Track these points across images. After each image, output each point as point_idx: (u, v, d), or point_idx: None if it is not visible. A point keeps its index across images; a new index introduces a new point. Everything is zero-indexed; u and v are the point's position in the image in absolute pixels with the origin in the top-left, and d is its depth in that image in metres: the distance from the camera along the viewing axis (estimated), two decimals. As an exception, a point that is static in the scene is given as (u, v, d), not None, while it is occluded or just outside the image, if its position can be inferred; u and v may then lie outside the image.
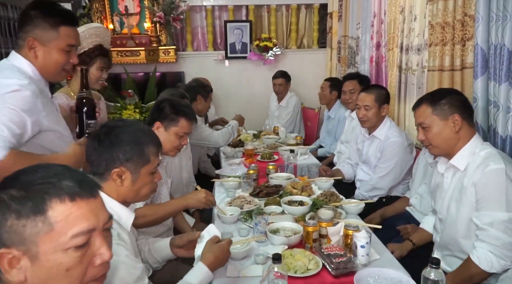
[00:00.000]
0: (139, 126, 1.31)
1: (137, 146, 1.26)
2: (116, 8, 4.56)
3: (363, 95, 2.56)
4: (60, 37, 1.55)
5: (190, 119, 2.00)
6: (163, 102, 2.00)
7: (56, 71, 1.60)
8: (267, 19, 5.18)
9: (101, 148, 1.24)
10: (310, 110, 4.82)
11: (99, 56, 2.27)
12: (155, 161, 1.31)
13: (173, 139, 1.98)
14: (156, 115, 1.98)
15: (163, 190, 2.03)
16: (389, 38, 3.07)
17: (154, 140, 1.32)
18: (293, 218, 1.97)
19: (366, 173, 2.74)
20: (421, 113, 1.74)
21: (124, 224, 1.27)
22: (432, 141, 1.72)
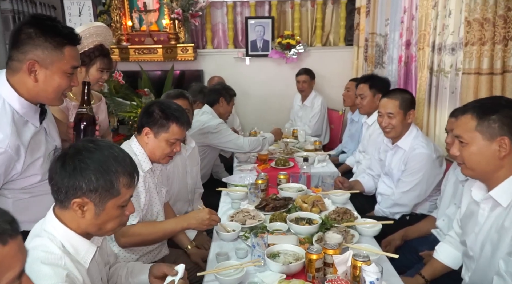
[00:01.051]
0: (113, 152, 1.10)
1: (105, 175, 1.06)
2: (135, 5, 4.46)
3: (385, 101, 2.28)
4: (64, 58, 1.38)
5: (181, 124, 1.79)
6: (152, 106, 1.81)
7: (56, 96, 1.44)
8: (291, 15, 4.93)
9: (63, 172, 1.06)
10: (334, 112, 4.55)
11: (99, 56, 2.12)
12: (126, 193, 1.11)
13: (164, 147, 1.79)
14: (145, 120, 1.80)
15: (154, 201, 1.85)
16: (420, 36, 2.77)
17: (128, 170, 1.10)
18: (298, 239, 1.75)
19: (388, 186, 2.47)
20: (462, 125, 1.42)
21: (81, 259, 1.09)
22: (468, 161, 1.42)
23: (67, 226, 1.09)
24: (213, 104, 3.14)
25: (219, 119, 3.04)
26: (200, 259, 1.95)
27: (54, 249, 1.05)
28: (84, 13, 4.60)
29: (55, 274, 1.00)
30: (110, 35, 2.22)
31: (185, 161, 2.38)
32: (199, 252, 2.01)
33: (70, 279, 1.01)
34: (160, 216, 1.87)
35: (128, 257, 1.79)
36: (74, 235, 1.09)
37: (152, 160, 1.82)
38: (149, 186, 1.80)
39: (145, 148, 1.80)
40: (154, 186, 1.85)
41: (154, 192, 1.85)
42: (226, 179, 2.59)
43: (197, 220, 1.76)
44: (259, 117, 4.95)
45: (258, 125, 4.82)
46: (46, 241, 1.07)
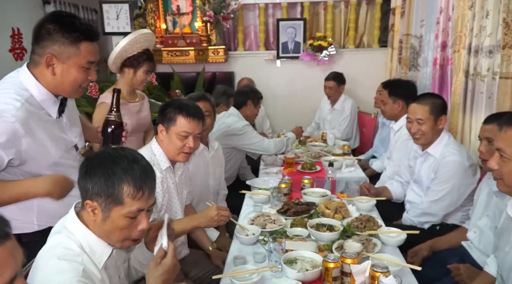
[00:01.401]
0: (125, 160, 1.11)
1: (108, 181, 1.08)
2: (170, 8, 4.55)
3: (414, 107, 2.20)
4: (80, 53, 1.44)
5: (188, 115, 1.77)
6: (166, 105, 1.84)
7: (73, 89, 1.50)
8: (324, 17, 4.87)
9: (81, 174, 1.12)
10: (366, 115, 4.44)
11: (146, 60, 2.32)
12: (132, 204, 1.09)
13: (175, 141, 1.78)
14: (159, 119, 1.84)
15: (174, 201, 1.87)
16: (456, 38, 2.64)
17: (134, 181, 1.09)
18: (317, 246, 1.72)
19: (417, 194, 2.37)
20: (508, 138, 1.31)
21: (96, 260, 1.11)
22: (508, 178, 1.31)
23: (86, 226, 1.12)
24: (241, 107, 3.15)
25: (245, 122, 3.04)
26: (221, 261, 1.95)
27: (72, 246, 1.09)
28: (121, 17, 4.73)
29: (71, 269, 1.02)
30: (154, 40, 2.41)
31: (208, 162, 2.40)
32: (220, 254, 2.02)
33: (86, 274, 1.03)
34: (179, 217, 1.88)
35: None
36: (92, 236, 1.11)
37: (170, 158, 1.83)
38: (168, 186, 1.82)
39: (162, 146, 1.82)
40: (175, 186, 1.87)
41: (174, 192, 1.86)
42: (250, 182, 2.58)
43: (206, 217, 1.77)
44: (288, 120, 4.90)
45: (287, 127, 4.77)
46: (65, 238, 1.10)
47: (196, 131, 1.81)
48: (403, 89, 2.92)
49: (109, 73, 5.49)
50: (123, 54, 2.29)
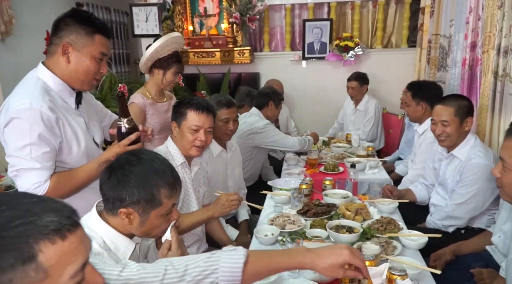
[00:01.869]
0: (154, 165, 1.15)
1: (146, 188, 1.12)
2: (197, 10, 4.64)
3: (439, 108, 2.16)
4: (94, 44, 1.54)
5: (198, 109, 1.82)
6: (178, 103, 1.92)
7: (86, 79, 1.58)
8: (351, 17, 4.82)
9: (109, 184, 1.14)
10: (393, 116, 4.38)
11: (175, 62, 2.43)
12: (168, 202, 1.17)
13: (187, 135, 1.84)
14: (172, 115, 1.91)
15: (190, 196, 1.91)
16: (485, 38, 2.57)
17: (169, 181, 1.15)
18: (336, 248, 1.72)
19: (442, 197, 2.33)
20: (509, 148, 1.30)
21: (121, 255, 1.16)
22: (506, 187, 1.32)
23: (109, 224, 1.16)
24: (262, 107, 3.18)
25: (266, 121, 3.08)
26: None
27: (94, 244, 1.14)
28: (150, 19, 4.87)
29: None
30: (183, 43, 2.51)
31: (226, 164, 2.44)
32: None
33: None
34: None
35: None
36: (115, 233, 1.16)
37: (184, 153, 1.88)
38: (184, 181, 1.85)
39: (176, 142, 1.89)
40: (191, 181, 1.91)
41: (190, 187, 1.90)
42: (271, 182, 2.60)
43: (217, 206, 1.82)
44: (314, 120, 4.91)
45: (313, 128, 4.77)
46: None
47: (207, 125, 1.86)
48: (427, 92, 2.87)
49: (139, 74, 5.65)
50: (154, 56, 2.39)
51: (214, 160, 2.38)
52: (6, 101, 1.48)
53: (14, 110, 1.41)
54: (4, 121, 1.44)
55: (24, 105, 1.41)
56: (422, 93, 2.85)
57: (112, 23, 6.52)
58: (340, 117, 4.39)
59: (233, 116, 2.41)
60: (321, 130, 4.54)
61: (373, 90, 4.65)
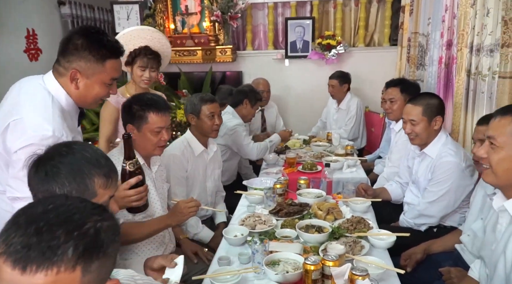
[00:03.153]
0: (86, 154, 1.07)
1: (78, 179, 1.03)
2: (179, 8, 4.60)
3: (408, 107, 2.16)
4: (105, 71, 1.49)
5: (159, 110, 1.77)
6: (129, 102, 1.83)
7: (94, 102, 1.56)
8: (333, 16, 4.82)
9: (36, 178, 1.04)
10: (375, 115, 4.38)
11: (138, 56, 2.37)
12: (104, 193, 1.09)
13: (150, 138, 1.78)
14: (126, 118, 1.83)
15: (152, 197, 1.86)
16: (459, 36, 2.58)
17: (103, 170, 1.08)
18: (303, 248, 1.71)
19: (416, 195, 2.33)
20: (500, 127, 1.29)
21: None
22: (495, 166, 1.30)
23: None
24: (237, 105, 3.17)
25: (238, 121, 3.05)
26: (190, 251, 2.01)
27: None
28: (131, 17, 4.82)
29: None
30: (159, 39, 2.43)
31: (206, 164, 2.42)
32: (190, 244, 2.06)
33: None
34: (158, 214, 1.87)
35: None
36: None
37: (144, 155, 1.84)
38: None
39: (135, 145, 1.77)
40: (152, 182, 1.87)
41: (152, 188, 1.86)
42: (246, 182, 2.59)
43: (174, 214, 1.78)
44: (298, 119, 4.90)
45: (297, 126, 4.78)
46: None
47: (168, 124, 1.83)
48: (413, 88, 2.86)
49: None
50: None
51: (195, 159, 2.36)
52: (21, 118, 1.38)
53: (36, 136, 1.35)
54: (21, 143, 1.35)
55: (47, 132, 1.36)
56: (410, 89, 2.80)
57: (96, 22, 6.43)
58: (324, 116, 4.38)
59: (217, 111, 2.41)
60: (306, 129, 4.54)
61: (355, 89, 4.65)
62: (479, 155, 1.35)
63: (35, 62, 5.01)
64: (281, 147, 3.50)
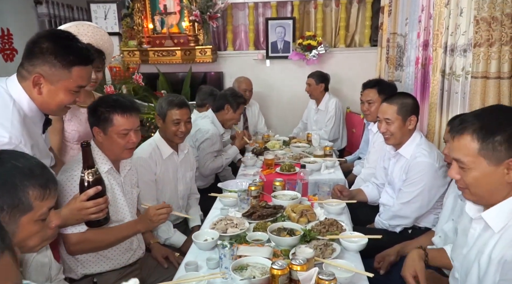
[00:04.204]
0: (17, 164, 1.00)
1: (10, 191, 0.96)
2: (157, 7, 4.53)
3: (384, 106, 2.15)
4: (71, 78, 1.41)
5: (124, 112, 1.69)
6: (94, 104, 1.76)
7: (58, 109, 1.48)
8: (314, 16, 4.81)
9: None
10: (356, 115, 4.38)
11: None
12: (42, 205, 1.02)
13: (117, 140, 1.71)
14: (92, 120, 1.75)
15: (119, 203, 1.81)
16: (434, 36, 2.58)
17: (39, 181, 1.01)
18: (273, 251, 1.67)
19: (391, 196, 2.32)
20: (462, 148, 1.22)
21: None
22: (473, 187, 1.23)
23: None
24: (218, 110, 3.11)
25: (212, 132, 2.98)
26: (161, 256, 1.96)
27: None
28: (109, 17, 4.74)
29: None
30: (101, 35, 2.19)
31: (177, 167, 2.36)
32: (160, 248, 2.01)
33: None
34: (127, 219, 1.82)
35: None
36: None
37: (113, 158, 1.78)
38: (111, 187, 1.76)
39: (102, 148, 1.76)
40: (119, 187, 1.81)
41: (119, 193, 1.80)
42: (221, 184, 2.54)
43: (144, 221, 1.74)
44: (280, 120, 4.88)
45: (279, 127, 4.76)
46: None
47: (136, 125, 1.75)
48: (390, 89, 2.85)
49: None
50: None
51: (163, 162, 2.30)
52: None
53: None
54: None
55: (3, 139, 1.30)
56: (387, 90, 2.78)
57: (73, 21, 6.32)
58: (305, 117, 4.36)
59: (184, 118, 2.31)
60: (287, 130, 4.52)
61: (336, 90, 4.65)
62: (451, 177, 1.30)
63: (10, 63, 4.89)
64: (261, 147, 3.47)
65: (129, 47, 4.54)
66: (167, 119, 2.28)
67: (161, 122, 2.31)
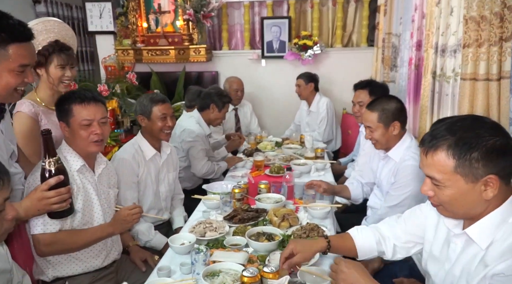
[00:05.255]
0: None
1: None
2: (152, 6, 4.49)
3: (366, 113, 2.09)
4: (9, 57, 1.33)
5: (83, 100, 1.64)
6: (59, 98, 1.71)
7: (7, 94, 1.40)
8: (310, 15, 4.74)
9: None
10: (352, 117, 4.28)
11: (54, 53, 1.98)
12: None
13: (80, 133, 1.65)
14: (58, 116, 1.72)
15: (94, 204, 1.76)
16: (425, 37, 2.51)
17: None
18: (249, 257, 1.62)
19: (379, 199, 2.26)
20: (436, 165, 1.14)
21: None
22: (448, 205, 1.17)
23: None
24: (203, 110, 3.06)
25: (198, 131, 2.94)
26: (139, 258, 1.91)
27: None
28: (104, 16, 4.71)
29: None
30: (67, 30, 2.11)
31: (159, 169, 2.30)
32: (139, 251, 1.96)
33: None
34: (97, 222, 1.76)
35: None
36: None
37: (83, 154, 1.72)
38: (83, 186, 1.71)
39: (71, 145, 1.70)
40: (93, 186, 1.76)
41: (92, 192, 1.74)
42: (206, 186, 2.48)
43: (118, 222, 1.71)
44: (274, 120, 4.82)
45: (272, 127, 4.70)
46: None
47: (99, 116, 1.68)
48: (382, 90, 2.78)
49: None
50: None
51: (146, 164, 2.25)
52: None
53: None
54: None
55: None
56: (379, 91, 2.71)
57: (74, 20, 6.27)
58: (297, 119, 4.29)
59: (170, 112, 2.29)
60: (281, 130, 4.46)
61: (332, 91, 4.59)
62: (425, 194, 1.23)
63: None
64: (252, 148, 3.42)
65: (123, 46, 4.50)
66: (152, 116, 2.24)
67: (145, 121, 2.26)
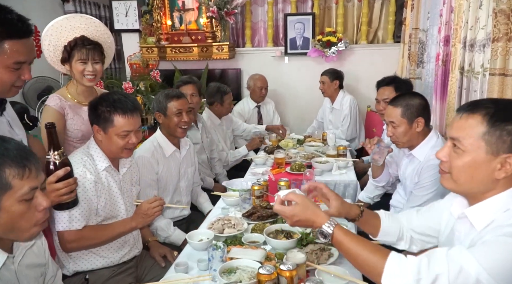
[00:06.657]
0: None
1: None
2: (176, 4, 4.53)
3: (389, 108, 2.03)
4: (5, 53, 1.31)
5: (125, 112, 1.66)
6: (96, 101, 1.72)
7: (4, 89, 1.40)
8: (335, 12, 4.67)
9: None
10: (376, 114, 4.21)
11: (75, 48, 1.98)
12: (22, 184, 1.00)
13: (116, 141, 1.69)
14: (92, 118, 1.73)
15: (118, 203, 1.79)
16: (454, 31, 2.42)
17: (16, 160, 0.98)
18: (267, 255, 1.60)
19: (402, 197, 2.21)
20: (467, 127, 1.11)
21: None
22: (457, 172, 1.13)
23: None
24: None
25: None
26: (158, 254, 1.93)
27: None
28: (130, 14, 4.79)
29: None
30: (96, 26, 2.07)
31: (179, 164, 2.33)
32: (159, 246, 1.98)
33: None
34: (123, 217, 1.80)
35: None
36: None
37: (111, 157, 1.76)
38: (108, 185, 1.75)
39: (101, 146, 1.74)
40: (117, 185, 1.79)
41: (116, 191, 1.78)
42: (226, 183, 2.49)
43: (140, 215, 1.72)
44: (296, 117, 4.79)
45: (295, 125, 4.67)
46: None
47: (136, 126, 1.72)
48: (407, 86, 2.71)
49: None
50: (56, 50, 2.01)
51: (166, 161, 2.28)
52: None
53: None
54: None
55: None
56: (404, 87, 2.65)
57: (102, 19, 6.40)
58: (320, 116, 4.24)
59: (185, 108, 2.30)
60: (303, 128, 4.43)
61: (356, 88, 4.51)
62: (438, 157, 1.21)
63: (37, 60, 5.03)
64: (273, 146, 3.40)
65: (148, 44, 4.56)
66: (168, 112, 2.27)
67: (162, 118, 2.29)
